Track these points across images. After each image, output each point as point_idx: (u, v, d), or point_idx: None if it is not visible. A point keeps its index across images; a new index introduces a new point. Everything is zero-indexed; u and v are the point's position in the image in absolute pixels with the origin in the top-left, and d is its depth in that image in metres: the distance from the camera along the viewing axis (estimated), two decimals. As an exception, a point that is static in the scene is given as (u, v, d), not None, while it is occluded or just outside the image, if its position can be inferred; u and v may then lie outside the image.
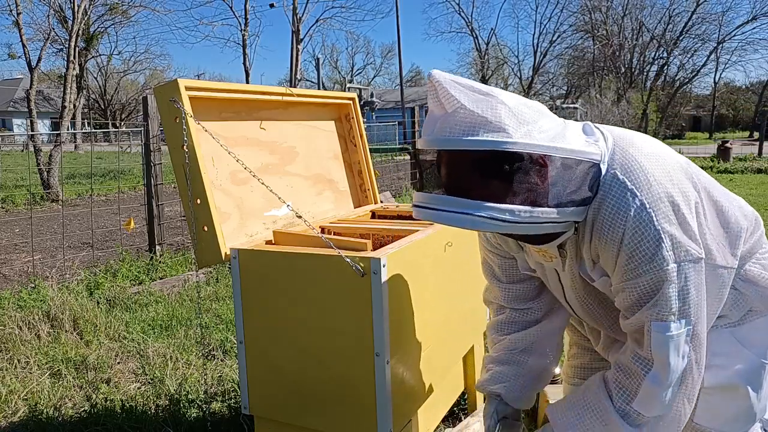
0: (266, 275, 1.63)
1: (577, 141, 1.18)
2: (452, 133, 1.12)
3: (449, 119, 1.13)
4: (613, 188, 1.18)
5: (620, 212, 1.17)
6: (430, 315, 1.80)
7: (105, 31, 28.98)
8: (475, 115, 1.11)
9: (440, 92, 1.15)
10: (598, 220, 1.20)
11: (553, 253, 1.36)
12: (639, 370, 1.27)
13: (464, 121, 1.11)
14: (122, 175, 12.95)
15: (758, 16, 36.78)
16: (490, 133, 1.10)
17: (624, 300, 1.26)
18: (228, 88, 1.86)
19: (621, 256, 1.20)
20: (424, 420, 1.86)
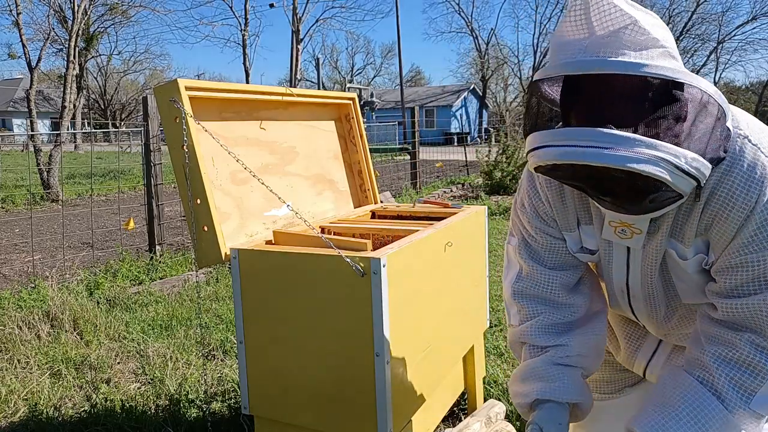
0: (266, 275, 1.63)
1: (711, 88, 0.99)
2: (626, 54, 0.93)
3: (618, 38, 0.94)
4: (745, 151, 1.03)
5: (754, 177, 1.02)
6: (430, 315, 1.80)
7: (105, 31, 29.02)
8: (650, 37, 0.94)
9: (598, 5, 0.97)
10: (725, 184, 1.04)
11: (639, 228, 1.15)
12: (763, 363, 1.08)
13: (639, 41, 0.93)
14: (122, 175, 12.96)
15: (758, 16, 36.79)
16: (667, 60, 0.94)
17: (739, 276, 1.08)
18: (228, 88, 1.86)
19: (748, 227, 1.04)
20: (424, 420, 1.86)
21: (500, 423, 2.17)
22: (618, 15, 0.96)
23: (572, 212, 1.26)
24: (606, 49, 0.95)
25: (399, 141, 19.59)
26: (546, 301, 1.35)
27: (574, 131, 0.95)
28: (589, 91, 0.97)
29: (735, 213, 1.05)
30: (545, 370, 1.31)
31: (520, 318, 1.38)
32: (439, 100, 38.84)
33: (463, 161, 13.84)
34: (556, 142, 0.97)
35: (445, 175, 12.75)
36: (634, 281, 1.28)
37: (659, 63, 0.92)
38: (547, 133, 0.99)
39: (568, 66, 0.97)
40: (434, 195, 9.44)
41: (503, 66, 44.01)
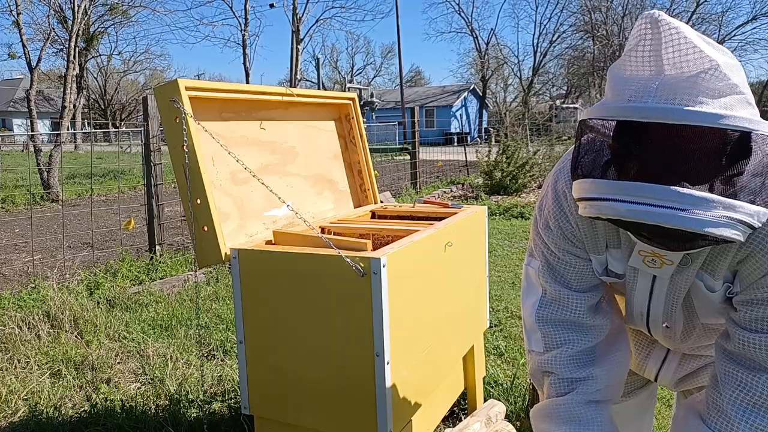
0: (266, 275, 1.63)
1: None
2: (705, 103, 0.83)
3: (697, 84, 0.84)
4: None
5: None
6: (430, 315, 1.80)
7: (105, 31, 28.99)
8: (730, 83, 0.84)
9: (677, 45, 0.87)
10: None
11: (670, 260, 1.10)
12: None
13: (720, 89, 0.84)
14: (122, 175, 12.95)
15: (758, 16, 36.79)
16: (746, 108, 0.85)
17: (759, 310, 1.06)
18: (228, 88, 1.86)
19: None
20: (424, 420, 1.86)
21: (500, 423, 2.17)
22: (697, 57, 0.86)
23: (602, 236, 1.20)
24: (682, 96, 0.84)
25: (399, 141, 19.60)
26: (573, 326, 1.28)
27: (647, 188, 0.85)
28: (659, 142, 0.87)
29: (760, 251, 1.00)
30: (577, 411, 1.25)
31: (545, 345, 1.30)
32: (439, 100, 38.83)
33: (463, 161, 13.84)
34: (624, 197, 0.87)
35: (445, 175, 12.75)
36: (656, 308, 1.24)
37: (739, 113, 0.83)
38: (610, 184, 0.90)
39: (636, 111, 0.86)
40: (434, 195, 9.44)
41: (503, 66, 44.00)
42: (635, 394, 1.61)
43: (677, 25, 0.87)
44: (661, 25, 0.87)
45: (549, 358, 1.29)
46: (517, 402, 2.49)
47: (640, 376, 1.57)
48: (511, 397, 2.53)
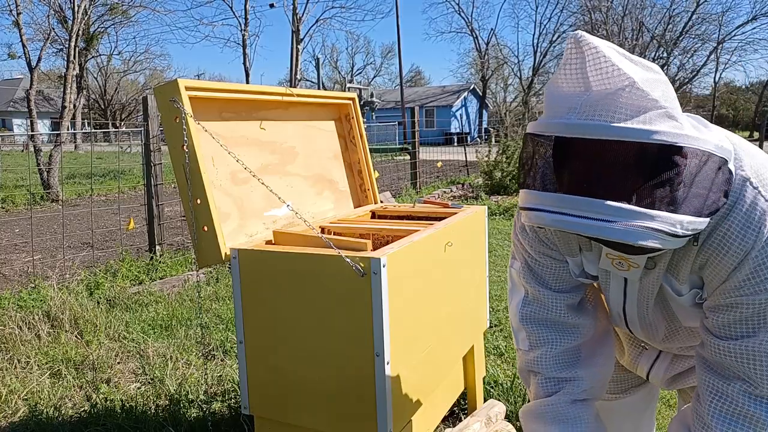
0: (266, 275, 1.63)
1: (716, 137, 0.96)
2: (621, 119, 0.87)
3: (614, 100, 0.89)
4: (746, 195, 1.00)
5: (752, 222, 1.00)
6: (430, 315, 1.80)
7: (105, 31, 28.98)
8: (648, 98, 0.88)
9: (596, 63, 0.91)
10: (721, 227, 1.02)
11: (636, 263, 1.14)
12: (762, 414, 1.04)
13: (636, 105, 0.88)
14: (122, 175, 12.96)
15: (758, 16, 36.78)
16: (665, 122, 0.88)
17: (730, 316, 1.07)
18: (228, 88, 1.86)
19: (742, 270, 1.02)
20: (424, 420, 1.86)
21: (500, 423, 2.17)
22: (616, 74, 0.90)
23: (574, 239, 1.24)
24: (602, 112, 0.89)
25: (399, 141, 19.60)
26: (555, 325, 1.33)
27: (569, 200, 0.91)
28: (584, 156, 0.92)
29: (730, 256, 1.03)
30: (564, 411, 1.30)
31: (530, 343, 1.35)
32: (439, 100, 38.83)
33: (463, 161, 13.84)
34: (551, 207, 0.93)
35: (445, 175, 12.75)
36: (631, 309, 1.28)
37: (658, 127, 0.87)
38: (541, 195, 0.96)
39: (560, 127, 0.92)
40: (434, 195, 9.44)
41: (503, 66, 44.00)
42: (631, 392, 1.61)
43: (597, 45, 0.92)
44: (582, 45, 0.92)
45: (534, 357, 1.34)
46: (517, 402, 2.49)
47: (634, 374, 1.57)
48: (511, 397, 2.53)
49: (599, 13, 40.53)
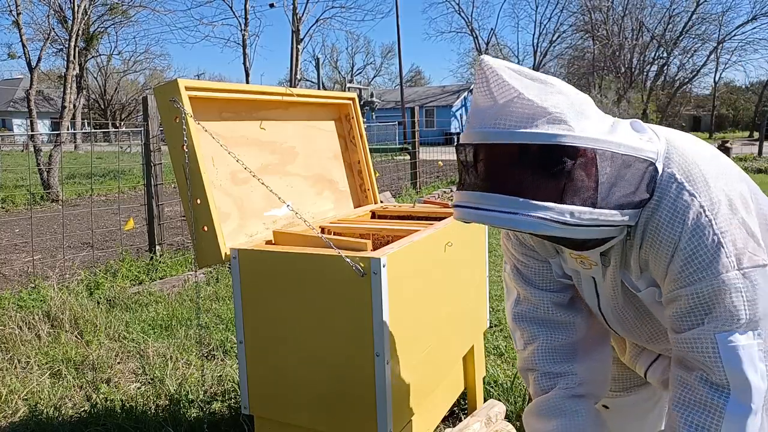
0: (266, 275, 1.63)
1: (632, 137, 1.08)
2: (508, 125, 1.02)
3: (504, 109, 1.03)
4: (670, 190, 1.09)
5: (677, 215, 1.08)
6: (430, 315, 1.80)
7: (105, 31, 29.00)
8: (534, 105, 1.01)
9: (493, 80, 1.05)
10: (652, 222, 1.10)
11: (593, 260, 1.24)
12: (716, 400, 1.09)
13: (521, 112, 1.02)
14: (122, 175, 12.96)
15: (758, 16, 36.80)
16: (551, 125, 1.01)
17: (677, 310, 1.12)
18: (228, 88, 1.86)
19: (675, 262, 1.09)
20: (424, 420, 1.86)
21: (500, 423, 2.17)
22: (506, 89, 1.04)
23: (548, 242, 1.32)
24: (498, 121, 1.04)
25: (399, 141, 19.60)
26: (546, 322, 1.40)
27: (470, 195, 1.07)
28: (486, 157, 1.06)
29: (663, 250, 1.10)
30: (562, 404, 1.35)
31: (524, 342, 1.44)
32: (439, 100, 38.83)
33: (463, 161, 13.77)
34: (470, 203, 1.07)
35: (445, 175, 12.75)
36: (606, 308, 1.34)
37: (542, 130, 1.00)
38: (464, 193, 1.09)
39: (466, 136, 1.09)
40: (434, 195, 9.44)
41: (503, 66, 43.94)
42: (634, 391, 1.61)
43: (493, 65, 1.07)
44: (483, 66, 1.08)
45: (528, 354, 1.42)
46: (517, 402, 2.49)
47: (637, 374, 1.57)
48: (511, 397, 2.53)
49: (599, 13, 40.53)
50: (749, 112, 43.49)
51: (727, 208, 1.08)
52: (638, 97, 35.09)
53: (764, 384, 1.08)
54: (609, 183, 1.03)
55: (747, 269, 1.06)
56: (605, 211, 1.03)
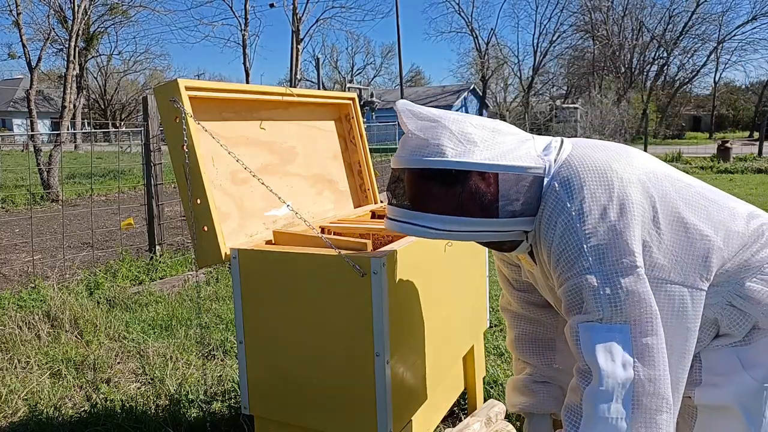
0: (266, 275, 1.63)
1: (527, 157, 1.27)
2: (403, 154, 1.29)
3: (405, 142, 1.31)
4: (550, 198, 1.26)
5: (552, 220, 1.25)
6: (430, 315, 1.80)
7: (105, 31, 29.00)
8: (419, 139, 1.27)
9: (400, 120, 1.32)
10: (539, 228, 1.28)
11: (529, 261, 1.42)
12: (580, 384, 1.24)
13: (412, 144, 1.28)
14: (122, 175, 12.95)
15: (758, 16, 36.80)
16: (430, 156, 1.25)
17: (562, 306, 1.30)
18: (228, 88, 1.86)
19: (551, 263, 1.27)
20: (424, 420, 1.86)
21: (500, 423, 2.17)
22: (403, 126, 1.31)
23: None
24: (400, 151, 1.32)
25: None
26: (518, 316, 1.71)
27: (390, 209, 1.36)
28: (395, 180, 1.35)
29: (545, 253, 1.30)
30: (527, 387, 1.68)
31: (508, 323, 1.77)
32: (439, 100, 38.82)
33: (463, 161, 13.77)
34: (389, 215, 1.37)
35: (445, 175, 12.71)
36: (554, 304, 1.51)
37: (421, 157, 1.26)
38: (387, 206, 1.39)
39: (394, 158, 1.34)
40: (434, 195, 9.40)
41: (503, 66, 44.00)
42: None
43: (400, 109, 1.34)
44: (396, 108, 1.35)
45: (510, 339, 1.75)
46: (517, 402, 2.49)
47: None
48: (511, 397, 2.52)
49: (599, 13, 40.52)
50: (749, 112, 43.49)
51: (598, 215, 1.21)
52: (638, 97, 35.09)
53: (624, 372, 1.18)
54: (487, 196, 1.24)
55: (609, 273, 1.19)
56: (483, 219, 1.24)
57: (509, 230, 1.27)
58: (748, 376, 1.32)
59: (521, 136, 1.33)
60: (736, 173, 13.21)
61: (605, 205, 1.22)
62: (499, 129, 1.31)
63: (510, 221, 1.25)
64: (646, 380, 1.18)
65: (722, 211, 1.34)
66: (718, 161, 14.96)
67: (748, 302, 1.32)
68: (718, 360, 1.34)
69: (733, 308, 1.32)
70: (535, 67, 42.40)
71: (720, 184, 11.14)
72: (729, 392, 1.33)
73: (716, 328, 1.35)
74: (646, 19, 39.72)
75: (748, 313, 1.32)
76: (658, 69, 40.60)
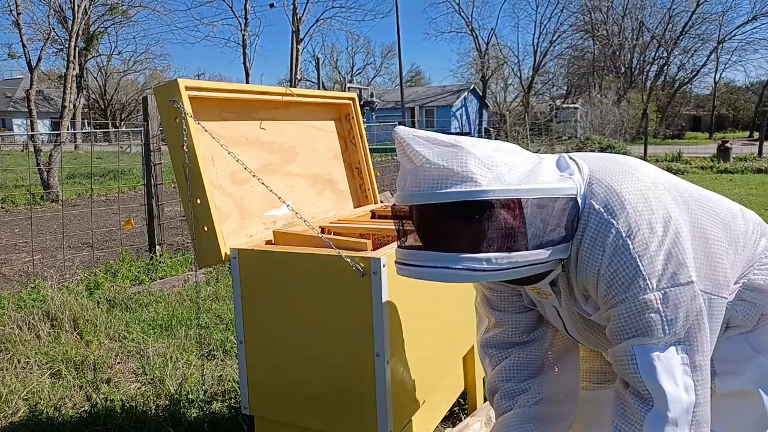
0: (266, 275, 1.63)
1: (551, 177, 1.17)
2: (422, 188, 1.10)
3: (418, 174, 1.12)
4: (590, 220, 1.17)
5: (597, 242, 1.16)
6: (430, 315, 1.80)
7: (105, 31, 29.02)
8: (442, 168, 1.10)
9: (406, 149, 1.14)
10: (579, 253, 1.19)
11: (547, 291, 1.33)
12: (638, 410, 1.17)
13: (432, 175, 1.10)
14: (122, 175, 12.95)
15: (758, 16, 36.81)
16: (459, 185, 1.08)
17: (610, 328, 1.22)
18: (228, 88, 1.86)
19: (600, 287, 1.18)
20: (424, 420, 1.86)
21: (500, 423, 2.17)
22: (416, 155, 1.12)
23: None
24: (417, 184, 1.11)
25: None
26: (511, 345, 1.49)
27: (400, 251, 1.16)
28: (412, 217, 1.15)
29: (590, 277, 1.19)
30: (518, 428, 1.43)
31: (492, 365, 1.52)
32: (439, 100, 38.83)
33: (463, 161, 13.76)
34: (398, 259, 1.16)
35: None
36: (571, 330, 1.42)
37: (452, 189, 1.08)
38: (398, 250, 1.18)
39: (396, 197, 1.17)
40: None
41: (503, 66, 43.98)
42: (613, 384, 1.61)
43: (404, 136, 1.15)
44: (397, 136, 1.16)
45: (494, 374, 1.51)
46: (517, 402, 2.49)
47: None
48: (511, 397, 2.52)
49: (599, 13, 40.52)
50: (749, 112, 43.47)
51: (647, 231, 1.14)
52: (638, 97, 35.09)
53: (687, 396, 1.14)
54: (524, 226, 1.10)
55: (666, 289, 1.13)
56: (523, 252, 1.10)
57: (544, 261, 1.13)
58: (762, 358, 1.35)
59: (527, 154, 1.22)
60: (736, 173, 13.21)
61: (650, 220, 1.15)
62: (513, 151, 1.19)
63: (546, 251, 1.12)
64: (704, 403, 1.17)
65: (724, 212, 1.34)
66: (718, 161, 14.96)
67: (756, 293, 1.34)
68: (729, 349, 1.35)
69: (743, 302, 1.35)
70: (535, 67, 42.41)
71: (720, 184, 11.14)
72: (747, 377, 1.34)
73: (726, 323, 1.36)
74: (646, 19, 39.75)
75: (757, 304, 1.35)
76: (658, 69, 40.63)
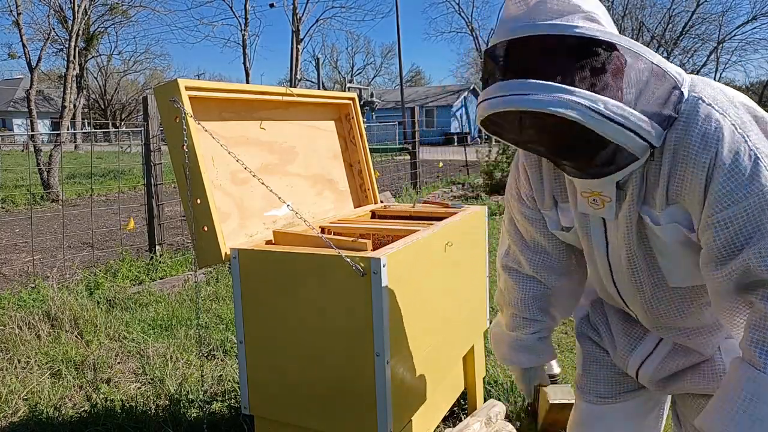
0: (266, 275, 1.63)
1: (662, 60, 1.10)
2: (545, 18, 1.05)
3: (539, 7, 1.07)
4: (699, 111, 1.09)
5: (710, 134, 1.07)
6: (430, 315, 1.80)
7: (105, 31, 29.01)
8: (568, 3, 1.07)
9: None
10: (683, 143, 1.09)
11: (607, 196, 1.21)
12: None
13: (557, 9, 1.06)
14: (122, 175, 12.95)
15: (758, 16, 36.79)
16: (586, 21, 1.05)
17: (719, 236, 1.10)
18: (228, 88, 1.86)
19: (714, 182, 1.07)
20: (424, 420, 1.86)
21: (500, 423, 2.17)
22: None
23: (548, 191, 1.38)
24: (533, 16, 1.07)
25: (399, 141, 19.59)
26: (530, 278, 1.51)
27: (501, 84, 1.07)
28: (519, 52, 1.08)
29: (698, 171, 1.09)
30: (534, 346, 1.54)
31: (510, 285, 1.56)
32: (439, 100, 38.82)
33: (463, 161, 13.84)
34: (488, 95, 1.09)
35: (445, 175, 12.74)
36: (614, 256, 1.32)
37: (577, 23, 1.04)
38: (488, 88, 1.11)
39: (502, 34, 1.10)
40: (434, 195, 9.44)
41: (503, 66, 43.91)
42: (623, 398, 1.54)
43: None
44: None
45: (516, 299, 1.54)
46: (517, 402, 2.49)
47: (628, 378, 1.52)
48: (511, 397, 2.53)
49: (599, 13, 40.40)
50: (749, 112, 43.42)
51: (758, 130, 1.09)
52: (638, 97, 35.01)
53: None
54: (638, 87, 1.05)
55: None
56: (635, 112, 1.04)
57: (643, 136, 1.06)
58: None
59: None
60: (736, 173, 13.19)
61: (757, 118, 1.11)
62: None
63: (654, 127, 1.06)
64: None
65: None
66: (718, 161, 14.93)
67: None
68: None
69: None
70: (535, 67, 42.32)
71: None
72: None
73: None
74: (646, 19, 39.73)
75: None
76: (658, 69, 40.50)
